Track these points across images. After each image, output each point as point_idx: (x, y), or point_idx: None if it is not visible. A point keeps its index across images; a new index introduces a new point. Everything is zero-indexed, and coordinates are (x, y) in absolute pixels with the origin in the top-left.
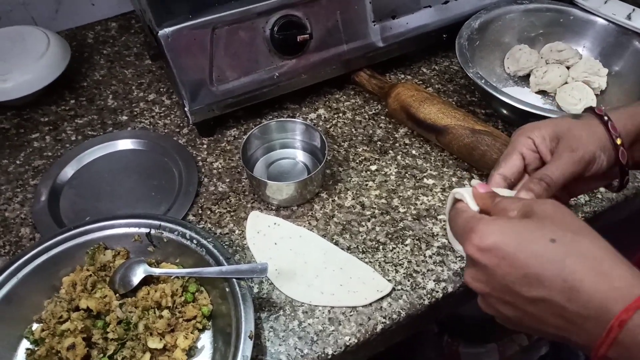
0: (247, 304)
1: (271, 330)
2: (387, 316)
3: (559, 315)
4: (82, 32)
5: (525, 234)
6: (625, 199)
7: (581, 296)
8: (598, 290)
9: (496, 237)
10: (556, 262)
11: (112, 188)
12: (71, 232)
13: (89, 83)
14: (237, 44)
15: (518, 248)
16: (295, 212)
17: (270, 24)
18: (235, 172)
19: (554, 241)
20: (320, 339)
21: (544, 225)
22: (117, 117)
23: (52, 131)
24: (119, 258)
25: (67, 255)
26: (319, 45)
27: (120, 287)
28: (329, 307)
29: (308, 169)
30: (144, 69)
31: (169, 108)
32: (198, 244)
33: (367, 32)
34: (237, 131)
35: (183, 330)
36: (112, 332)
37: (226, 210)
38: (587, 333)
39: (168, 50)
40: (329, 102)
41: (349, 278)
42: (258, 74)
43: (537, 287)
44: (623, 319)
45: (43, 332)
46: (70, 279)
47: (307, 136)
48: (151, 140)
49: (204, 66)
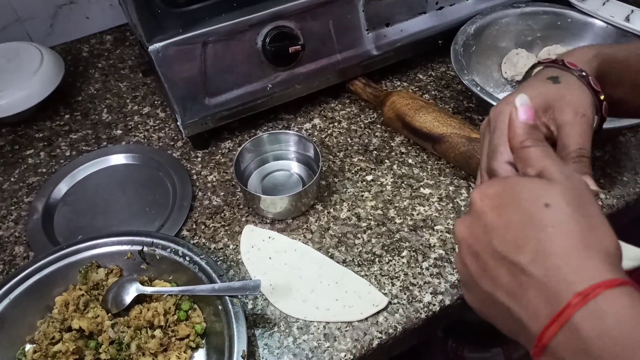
0: (240, 322)
1: (265, 347)
2: (383, 331)
3: (514, 276)
4: (77, 46)
5: (525, 192)
6: (627, 205)
7: (547, 262)
8: (568, 263)
9: (498, 187)
10: (538, 224)
11: (107, 204)
12: (64, 251)
13: (84, 97)
14: (229, 57)
15: (511, 201)
16: (290, 225)
17: (262, 35)
18: (230, 185)
19: (548, 206)
20: (315, 355)
21: (550, 188)
22: (112, 132)
23: (47, 147)
24: (112, 276)
25: (60, 274)
26: (312, 55)
27: (112, 306)
28: (324, 323)
29: (303, 181)
30: (138, 81)
31: (164, 121)
32: (191, 261)
33: (361, 40)
34: (231, 143)
35: (176, 350)
36: (105, 352)
37: (220, 224)
38: (534, 308)
39: (159, 65)
40: (324, 112)
41: (344, 292)
42: (251, 86)
43: (509, 243)
44: (587, 295)
45: (35, 354)
46: (63, 298)
47: (301, 147)
48: (145, 155)
49: (195, 80)
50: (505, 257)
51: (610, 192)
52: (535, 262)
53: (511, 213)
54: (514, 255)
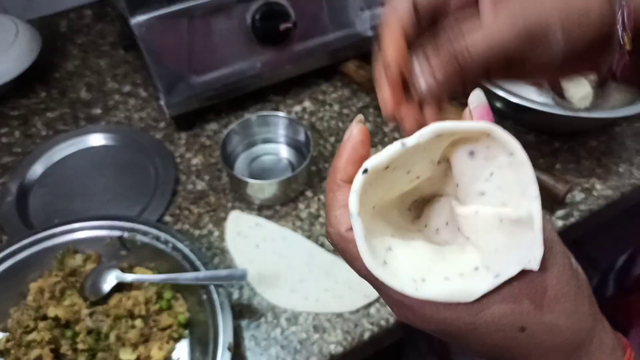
0: (225, 312)
1: (252, 339)
2: (374, 322)
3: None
4: (55, 21)
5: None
6: (622, 196)
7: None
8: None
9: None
10: (520, 354)
11: (85, 187)
12: (39, 235)
13: (61, 74)
14: (216, 34)
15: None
16: (279, 211)
17: (252, 12)
18: (215, 169)
19: (524, 330)
20: (304, 347)
21: (520, 297)
22: (91, 111)
23: (22, 126)
24: (90, 262)
25: (35, 259)
26: (304, 34)
27: (90, 294)
28: (314, 314)
29: (292, 166)
30: (119, 59)
31: (146, 101)
32: (173, 247)
33: (354, 20)
34: (217, 125)
35: (158, 341)
36: (82, 342)
37: (205, 210)
38: None
39: (142, 40)
40: (315, 94)
41: (334, 282)
42: (239, 65)
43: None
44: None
45: (8, 343)
46: (38, 285)
47: (291, 131)
48: (126, 136)
49: (180, 57)
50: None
51: (605, 182)
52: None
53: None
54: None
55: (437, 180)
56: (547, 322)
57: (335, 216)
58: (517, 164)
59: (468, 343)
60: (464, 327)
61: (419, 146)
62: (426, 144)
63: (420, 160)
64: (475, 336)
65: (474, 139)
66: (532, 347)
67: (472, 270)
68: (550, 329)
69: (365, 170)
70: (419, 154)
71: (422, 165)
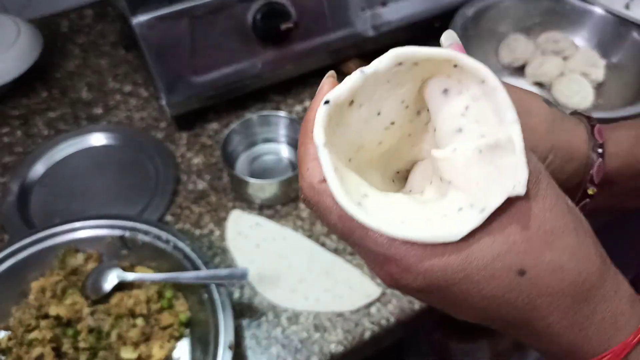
0: (227, 311)
1: (253, 338)
2: (375, 322)
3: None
4: (55, 20)
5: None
6: None
7: (545, 336)
8: (570, 337)
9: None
10: (519, 304)
11: (86, 187)
12: (40, 234)
13: (62, 74)
14: (218, 33)
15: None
16: (279, 211)
17: (253, 11)
18: (216, 168)
19: (523, 274)
20: (304, 347)
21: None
22: (91, 111)
23: (23, 125)
24: (91, 262)
25: (36, 258)
26: (305, 34)
27: (92, 293)
28: (314, 313)
29: (293, 166)
30: (119, 59)
31: (146, 100)
32: (174, 247)
33: (355, 20)
34: (218, 125)
35: (159, 339)
36: (83, 341)
37: (206, 209)
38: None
39: (143, 40)
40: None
41: (335, 282)
42: (240, 64)
43: (477, 319)
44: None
45: (10, 341)
46: (39, 284)
47: (292, 131)
48: (127, 136)
49: (182, 57)
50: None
51: None
52: (536, 339)
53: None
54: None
55: (418, 138)
56: (548, 262)
57: (307, 169)
58: (490, 91)
59: (464, 302)
60: (455, 275)
61: (380, 75)
62: (388, 74)
63: (388, 98)
64: (469, 289)
65: (445, 75)
66: (536, 295)
67: (456, 211)
68: (552, 269)
69: (326, 101)
70: (384, 89)
71: (393, 105)
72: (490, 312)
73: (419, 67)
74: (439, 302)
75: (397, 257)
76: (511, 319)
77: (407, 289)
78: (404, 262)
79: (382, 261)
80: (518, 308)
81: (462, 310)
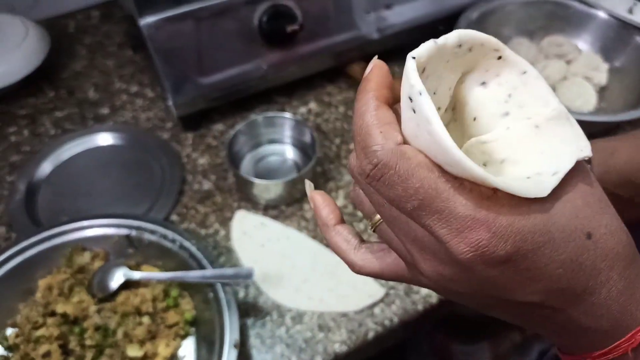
0: (232, 310)
1: (257, 337)
2: (379, 322)
3: (550, 320)
4: (62, 21)
5: (558, 219)
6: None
7: (599, 308)
8: (622, 301)
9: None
10: (588, 268)
11: (92, 186)
12: (48, 233)
13: (69, 74)
14: (224, 35)
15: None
16: (284, 211)
17: (259, 13)
18: (221, 169)
19: (590, 237)
20: (308, 346)
21: (576, 208)
22: (98, 111)
23: (30, 125)
24: (98, 260)
25: (43, 256)
26: (310, 36)
27: (98, 291)
28: (319, 313)
29: (298, 167)
30: (126, 59)
31: (152, 101)
32: (180, 246)
33: (360, 22)
34: (223, 126)
35: (164, 338)
36: (90, 338)
37: (211, 209)
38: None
39: (151, 41)
40: (320, 96)
41: (339, 282)
42: (246, 65)
43: (540, 294)
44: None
45: (17, 338)
46: (46, 282)
47: (297, 132)
48: (133, 136)
49: (188, 58)
50: (542, 305)
51: None
52: (586, 313)
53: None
54: (560, 306)
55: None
56: (606, 225)
57: (379, 133)
58: (531, 80)
59: (543, 271)
60: (540, 238)
61: (445, 51)
62: (450, 53)
63: (444, 79)
64: (550, 254)
65: (483, 70)
66: (600, 258)
67: (525, 179)
68: (611, 232)
69: (413, 57)
70: (444, 68)
71: (444, 89)
72: (562, 282)
73: (471, 54)
74: (512, 279)
75: (489, 218)
76: (579, 289)
77: (492, 261)
78: (497, 223)
79: (470, 226)
80: (587, 273)
81: (534, 285)
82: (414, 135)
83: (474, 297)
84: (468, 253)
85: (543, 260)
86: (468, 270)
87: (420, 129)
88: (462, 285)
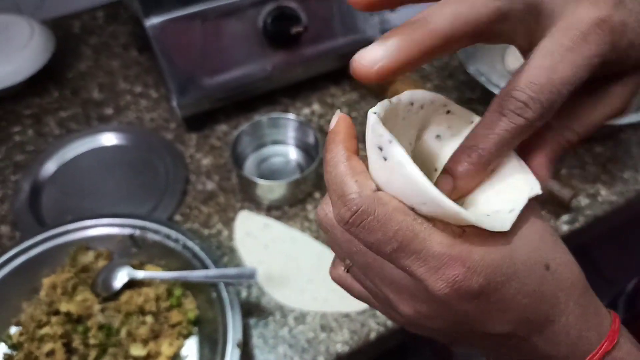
0: (235, 310)
1: (260, 337)
2: (381, 323)
3: (516, 350)
4: (68, 22)
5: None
6: (627, 203)
7: (559, 335)
8: (579, 327)
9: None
10: (549, 297)
11: (96, 186)
12: (52, 232)
13: (74, 75)
14: (229, 36)
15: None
16: (287, 212)
17: (263, 15)
18: (225, 169)
19: (548, 268)
20: (311, 346)
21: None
22: (103, 111)
23: (35, 124)
24: (102, 259)
25: (47, 255)
26: (314, 38)
27: (102, 290)
28: (321, 313)
29: (301, 168)
30: (131, 60)
31: (157, 102)
32: (184, 246)
33: (364, 25)
34: (227, 127)
35: (167, 337)
36: (93, 337)
37: (215, 209)
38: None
39: (156, 42)
40: (324, 97)
41: None
42: (250, 67)
43: (509, 324)
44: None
45: (22, 337)
46: (50, 280)
47: (301, 133)
48: (137, 136)
49: (193, 59)
50: (509, 336)
51: (610, 188)
52: (546, 340)
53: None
54: (524, 335)
55: None
56: (560, 257)
57: (355, 181)
58: None
59: (511, 302)
60: (508, 270)
61: (400, 109)
62: (404, 110)
63: (402, 135)
64: (517, 286)
65: (435, 124)
66: (558, 287)
67: (485, 216)
68: (564, 263)
69: (374, 112)
70: (400, 125)
71: (404, 143)
72: (528, 311)
73: (423, 110)
74: (485, 311)
75: (463, 254)
76: (542, 318)
77: (467, 295)
78: (470, 259)
79: (447, 263)
80: (548, 302)
81: (504, 315)
82: (386, 181)
83: (447, 331)
84: (445, 289)
85: (511, 292)
86: (445, 306)
87: (393, 175)
88: (437, 322)
